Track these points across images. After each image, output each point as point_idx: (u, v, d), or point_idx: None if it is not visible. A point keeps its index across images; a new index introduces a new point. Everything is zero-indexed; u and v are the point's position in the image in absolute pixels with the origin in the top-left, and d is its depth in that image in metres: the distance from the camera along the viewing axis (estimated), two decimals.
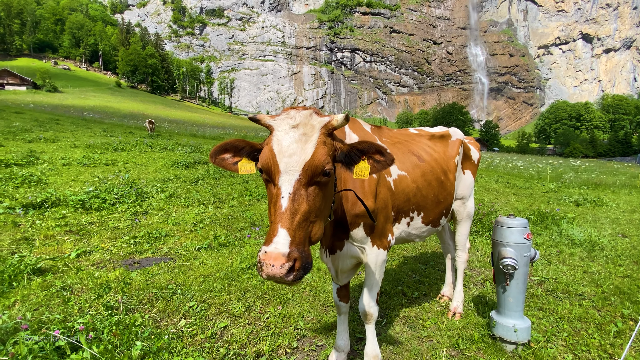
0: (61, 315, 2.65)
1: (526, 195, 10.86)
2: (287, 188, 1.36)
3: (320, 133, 1.45)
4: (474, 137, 27.42)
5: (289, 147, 1.39)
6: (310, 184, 1.40)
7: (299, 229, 1.34)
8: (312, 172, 1.39)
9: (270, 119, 1.51)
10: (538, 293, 3.68)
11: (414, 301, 3.44)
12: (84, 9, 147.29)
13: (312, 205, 1.40)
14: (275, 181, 1.40)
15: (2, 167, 8.69)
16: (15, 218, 5.39)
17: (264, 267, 1.26)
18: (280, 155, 1.39)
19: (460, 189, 2.98)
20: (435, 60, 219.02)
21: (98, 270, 3.80)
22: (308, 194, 1.39)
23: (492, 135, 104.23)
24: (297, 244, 1.31)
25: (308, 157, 1.38)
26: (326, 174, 1.43)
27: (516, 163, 27.68)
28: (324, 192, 1.47)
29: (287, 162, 1.37)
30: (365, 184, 1.98)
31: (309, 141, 1.41)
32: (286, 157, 1.38)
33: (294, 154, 1.38)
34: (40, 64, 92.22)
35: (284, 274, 1.26)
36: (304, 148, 1.39)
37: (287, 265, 1.26)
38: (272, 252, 1.27)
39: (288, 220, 1.32)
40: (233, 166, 1.58)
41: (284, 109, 1.57)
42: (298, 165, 1.37)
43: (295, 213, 1.34)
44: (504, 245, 2.49)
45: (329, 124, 1.49)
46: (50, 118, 25.64)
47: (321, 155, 1.41)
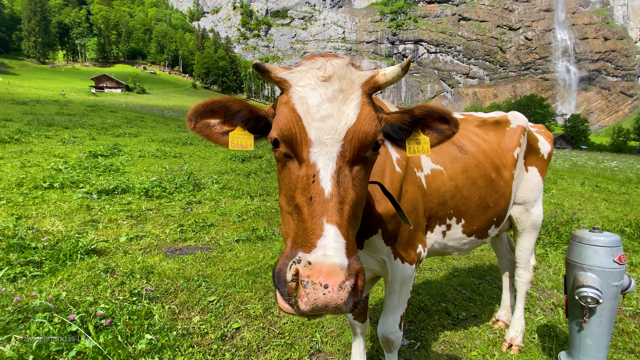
0: (92, 297, 2.75)
1: (621, 202, 8.99)
2: (328, 164, 0.93)
3: (362, 92, 1.02)
4: (559, 133, 24.27)
5: (321, 108, 0.96)
6: (356, 162, 0.98)
7: (350, 226, 0.91)
8: (360, 142, 0.96)
9: (286, 70, 1.06)
10: (630, 329, 2.84)
11: (460, 323, 2.89)
12: (167, 19, 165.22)
13: (359, 193, 0.98)
14: (302, 155, 0.96)
15: (91, 158, 9.94)
16: (90, 202, 6.00)
17: (311, 290, 0.76)
18: (307, 117, 0.95)
19: (522, 190, 2.35)
20: (511, 48, 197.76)
21: (142, 255, 3.97)
22: (354, 176, 0.97)
23: (579, 132, 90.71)
24: (353, 250, 0.87)
25: (352, 122, 0.96)
26: (377, 146, 1.01)
27: (609, 163, 23.53)
28: (368, 174, 1.06)
29: (319, 128, 0.94)
30: (386, 180, 1.54)
31: (348, 100, 0.98)
32: (317, 120, 0.95)
33: (328, 117, 0.95)
34: (132, 69, 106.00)
35: (345, 300, 0.77)
36: (343, 110, 0.97)
37: (349, 284, 0.78)
38: (322, 262, 0.79)
39: (337, 212, 0.87)
40: (221, 137, 1.11)
41: (304, 58, 1.12)
42: (338, 132, 0.95)
43: (343, 202, 0.91)
44: (584, 270, 1.86)
45: (373, 80, 1.04)
46: (137, 116, 29.11)
47: (371, 119, 0.98)
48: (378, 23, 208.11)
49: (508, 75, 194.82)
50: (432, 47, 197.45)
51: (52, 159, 9.05)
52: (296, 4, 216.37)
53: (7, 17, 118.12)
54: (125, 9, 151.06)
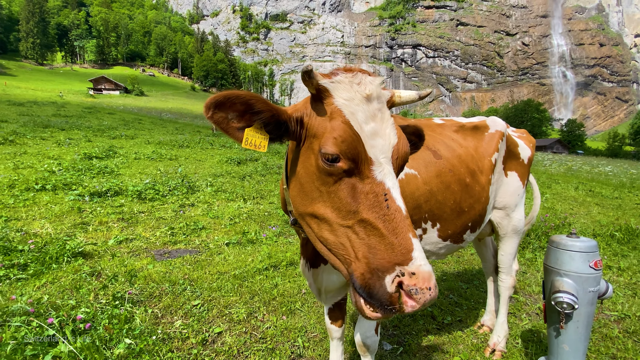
0: (74, 301, 2.74)
1: (613, 206, 9.03)
2: (395, 184, 1.00)
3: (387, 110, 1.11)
4: (555, 138, 24.43)
5: (368, 126, 1.00)
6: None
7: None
8: (402, 160, 1.07)
9: (326, 78, 1.06)
10: (614, 334, 2.85)
11: (445, 328, 2.88)
12: (167, 22, 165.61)
13: None
14: (365, 172, 0.99)
15: (85, 160, 9.91)
16: (82, 204, 5.97)
17: (420, 295, 0.88)
18: (362, 134, 0.99)
19: (502, 195, 2.36)
20: (509, 53, 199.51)
21: (129, 258, 3.95)
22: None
23: (575, 136, 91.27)
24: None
25: (395, 142, 1.03)
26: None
27: (603, 168, 23.68)
28: None
29: (374, 147, 0.99)
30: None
31: (385, 120, 1.04)
32: (370, 138, 0.99)
33: (376, 135, 1.00)
34: (131, 72, 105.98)
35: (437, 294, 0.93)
36: (384, 129, 1.03)
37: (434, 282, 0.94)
38: (422, 270, 0.91)
39: (412, 228, 0.97)
40: (237, 132, 1.08)
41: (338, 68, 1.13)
42: (386, 152, 1.01)
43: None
44: (560, 275, 1.87)
45: (391, 99, 1.14)
46: (135, 118, 29.11)
47: (405, 141, 1.07)
48: (377, 27, 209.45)
49: (505, 80, 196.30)
50: (430, 52, 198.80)
51: (46, 161, 9.02)
52: (295, 8, 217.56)
53: (5, 17, 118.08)
54: (125, 12, 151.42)
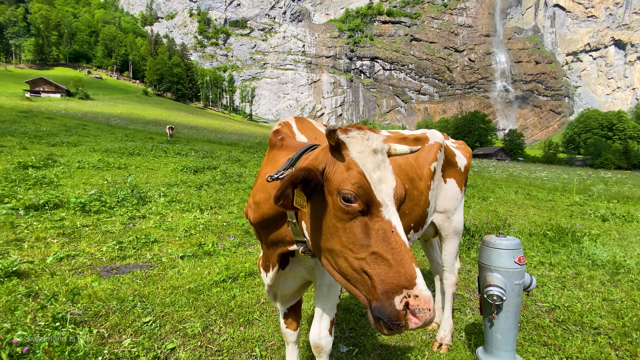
0: (9, 324, 2.49)
1: (547, 208, 10.10)
2: (399, 222, 1.22)
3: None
4: (499, 146, 26.69)
5: (376, 174, 1.23)
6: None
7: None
8: (400, 202, 1.29)
9: (344, 134, 1.28)
10: (545, 324, 3.20)
11: None
12: (116, 22, 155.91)
13: None
14: (374, 213, 1.21)
15: (20, 169, 8.96)
16: (16, 219, 5.40)
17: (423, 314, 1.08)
18: (372, 181, 1.21)
19: (442, 200, 2.59)
20: (457, 68, 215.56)
21: (71, 276, 3.66)
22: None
23: (516, 145, 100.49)
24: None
25: (394, 185, 1.26)
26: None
27: (540, 174, 26.31)
28: None
29: (381, 191, 1.21)
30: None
31: (387, 168, 1.28)
32: (377, 184, 1.22)
33: (382, 181, 1.23)
34: (75, 73, 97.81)
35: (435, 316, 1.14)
36: (386, 175, 1.26)
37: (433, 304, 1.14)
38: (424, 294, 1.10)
39: (414, 259, 1.18)
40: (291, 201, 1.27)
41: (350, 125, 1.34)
42: (389, 195, 1.23)
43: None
44: (490, 270, 2.09)
45: (388, 151, 1.35)
46: (78, 124, 26.83)
47: (401, 184, 1.31)
48: (337, 39, 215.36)
49: (455, 93, 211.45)
50: (387, 64, 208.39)
51: None
52: (256, 15, 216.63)
53: None
54: (69, 9, 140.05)
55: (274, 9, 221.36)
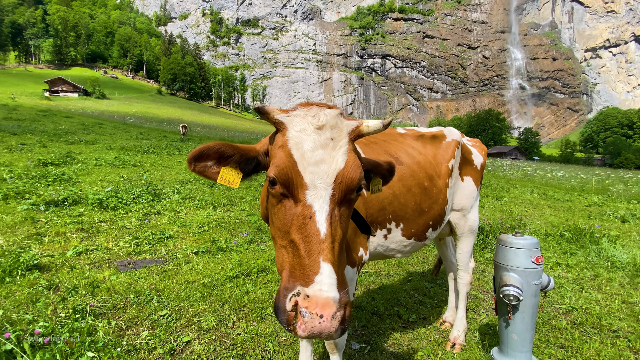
0: (31, 315, 2.58)
1: (564, 208, 9.84)
2: (322, 207, 1.05)
3: (348, 139, 1.16)
4: (514, 145, 26.12)
5: (315, 153, 1.08)
6: (343, 202, 1.11)
7: (339, 261, 1.05)
8: (347, 186, 1.09)
9: (283, 113, 1.18)
10: (562, 326, 3.13)
11: (410, 326, 3.03)
12: (131, 22, 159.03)
13: (344, 230, 1.12)
14: (298, 197, 1.08)
15: (40, 166, 9.27)
16: (36, 214, 5.59)
17: (308, 319, 0.89)
18: (303, 162, 1.07)
19: (459, 198, 2.57)
20: (471, 65, 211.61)
21: (90, 270, 3.77)
22: (341, 215, 1.10)
23: (531, 144, 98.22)
24: (342, 283, 0.99)
25: (340, 167, 1.09)
26: (359, 189, 1.16)
27: (556, 173, 25.64)
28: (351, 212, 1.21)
29: (313, 173, 1.06)
30: None
31: (337, 147, 1.11)
32: (312, 165, 1.07)
33: (321, 162, 1.08)
34: (92, 73, 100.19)
35: (336, 327, 0.90)
36: (333, 155, 1.10)
37: (340, 315, 0.91)
38: (319, 296, 0.91)
39: (330, 252, 0.99)
40: (216, 175, 1.25)
41: (299, 104, 1.25)
42: (329, 177, 1.07)
43: (334, 241, 1.03)
44: (507, 270, 2.06)
45: (357, 129, 1.20)
46: (95, 122, 27.52)
47: (356, 166, 1.12)
48: (348, 37, 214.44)
49: (468, 91, 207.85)
50: (398, 62, 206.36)
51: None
52: (267, 14, 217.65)
53: None
54: (86, 10, 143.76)
55: (285, 8, 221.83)
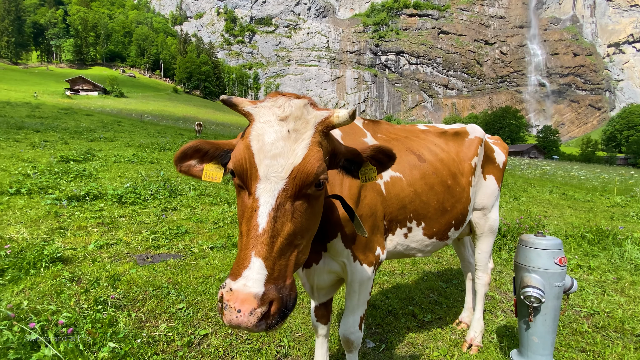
0: (54, 306, 2.68)
1: (585, 209, 9.52)
2: (268, 200, 1.04)
3: (315, 131, 1.13)
4: (532, 143, 25.45)
5: (274, 146, 1.06)
6: (298, 197, 1.09)
7: (281, 257, 1.03)
8: (301, 181, 1.07)
9: (251, 104, 1.18)
10: (583, 329, 3.04)
11: (425, 325, 3.00)
12: (148, 22, 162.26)
13: (298, 225, 1.09)
14: (251, 189, 1.08)
15: (62, 163, 9.60)
16: (59, 209, 5.80)
17: (226, 311, 0.93)
18: (260, 154, 1.06)
19: (480, 197, 2.51)
20: (488, 62, 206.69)
21: (111, 263, 3.89)
22: (294, 210, 1.08)
23: (550, 142, 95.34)
24: (276, 279, 1.00)
25: (298, 161, 1.06)
26: (319, 184, 1.12)
27: (577, 173, 24.83)
28: (313, 207, 1.16)
29: (269, 165, 1.05)
30: (344, 186, 1.66)
31: (300, 140, 1.09)
32: (268, 158, 1.05)
33: (279, 155, 1.06)
34: (111, 72, 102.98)
35: (254, 323, 0.92)
36: (293, 148, 1.07)
37: (260, 311, 0.93)
38: (240, 290, 0.93)
39: (266, 247, 1.00)
40: (200, 172, 1.29)
41: (269, 94, 1.24)
42: (284, 170, 1.05)
43: (276, 236, 1.02)
44: (528, 271, 2.01)
45: (327, 120, 1.16)
46: (114, 120, 28.30)
47: (315, 160, 1.09)
48: (361, 34, 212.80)
49: (485, 88, 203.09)
50: (413, 59, 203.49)
51: (20, 164, 8.68)
52: (281, 12, 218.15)
53: None
54: (105, 11, 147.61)
55: (299, 5, 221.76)
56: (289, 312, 1.02)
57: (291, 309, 1.03)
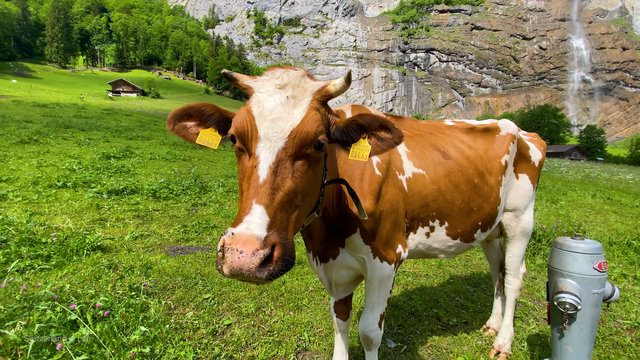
0: (93, 290, 2.88)
1: (632, 215, 8.78)
2: (268, 157, 1.07)
3: (313, 98, 1.18)
4: (573, 144, 23.75)
5: (273, 111, 1.11)
6: (298, 157, 1.11)
7: (282, 209, 1.03)
8: (301, 140, 1.10)
9: (251, 79, 1.24)
10: (625, 342, 2.80)
11: (450, 329, 2.90)
12: (183, 26, 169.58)
13: (299, 184, 1.10)
14: (251, 150, 1.11)
15: (103, 159, 10.28)
16: (100, 201, 6.22)
17: (229, 255, 0.90)
18: (260, 118, 1.10)
19: (512, 197, 2.38)
20: (525, 58, 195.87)
21: (144, 253, 4.11)
22: (295, 169, 1.10)
23: (595, 143, 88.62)
24: (278, 228, 0.99)
25: (297, 123, 1.10)
26: (319, 146, 1.14)
27: (624, 176, 22.93)
28: (314, 170, 1.18)
29: (269, 127, 1.09)
30: (365, 181, 1.64)
31: (298, 105, 1.14)
32: (268, 121, 1.10)
33: (278, 118, 1.10)
34: (148, 75, 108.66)
35: (257, 265, 0.89)
36: (292, 112, 1.12)
37: (263, 252, 0.91)
38: (243, 233, 0.92)
39: (267, 196, 1.00)
40: (195, 136, 1.28)
41: (269, 68, 1.28)
42: (284, 131, 1.09)
43: (277, 189, 1.03)
44: (563, 276, 1.88)
45: (324, 89, 1.21)
46: (151, 120, 29.85)
47: (313, 122, 1.12)
48: (390, 32, 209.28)
49: (521, 85, 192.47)
50: (443, 56, 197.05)
51: (67, 160, 9.40)
52: (309, 12, 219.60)
53: (32, 23, 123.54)
54: (144, 17, 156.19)
55: (327, 5, 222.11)
56: (292, 264, 1.00)
57: (292, 263, 1.00)
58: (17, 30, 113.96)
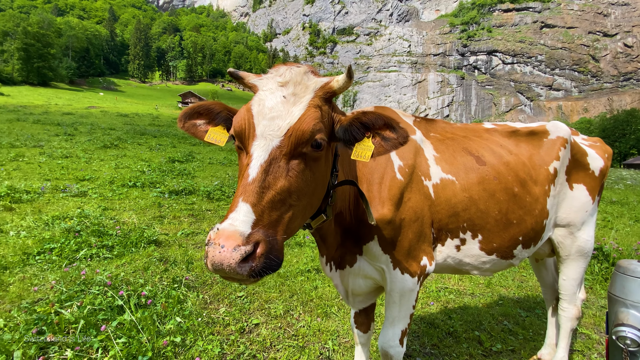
0: (142, 280, 3.18)
1: None
2: (260, 155, 1.06)
3: (314, 95, 1.16)
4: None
5: (273, 109, 1.10)
6: (294, 156, 1.09)
7: (271, 209, 1.02)
8: (297, 139, 1.08)
9: (256, 77, 1.25)
10: None
11: (492, 355, 2.62)
12: (244, 41, 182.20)
13: (293, 184, 1.07)
14: (247, 148, 1.10)
15: (169, 163, 11.42)
16: (161, 200, 6.88)
17: (210, 249, 0.91)
18: (259, 116, 1.10)
19: (565, 210, 2.08)
20: (607, 57, 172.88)
21: (192, 249, 4.43)
22: (289, 168, 1.08)
23: None
24: (264, 227, 0.98)
25: (294, 121, 1.08)
26: (317, 145, 1.11)
27: None
28: (312, 170, 1.14)
29: (266, 125, 1.08)
30: (384, 185, 1.56)
31: (298, 102, 1.12)
32: (266, 119, 1.09)
33: (277, 117, 1.09)
34: (212, 87, 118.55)
35: (237, 261, 0.89)
36: (291, 110, 1.10)
37: (244, 249, 0.90)
38: (226, 229, 0.92)
39: (255, 194, 1.00)
40: (204, 134, 1.31)
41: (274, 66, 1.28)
42: (280, 129, 1.07)
43: (267, 187, 1.02)
44: (625, 306, 1.58)
45: (327, 85, 1.19)
46: None
47: (311, 119, 1.10)
48: (447, 35, 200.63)
49: (602, 87, 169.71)
50: (508, 58, 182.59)
51: (140, 162, 10.61)
52: (362, 21, 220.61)
53: (119, 44, 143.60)
54: (210, 34, 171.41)
55: (381, 12, 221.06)
56: (277, 265, 0.98)
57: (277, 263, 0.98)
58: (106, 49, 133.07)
